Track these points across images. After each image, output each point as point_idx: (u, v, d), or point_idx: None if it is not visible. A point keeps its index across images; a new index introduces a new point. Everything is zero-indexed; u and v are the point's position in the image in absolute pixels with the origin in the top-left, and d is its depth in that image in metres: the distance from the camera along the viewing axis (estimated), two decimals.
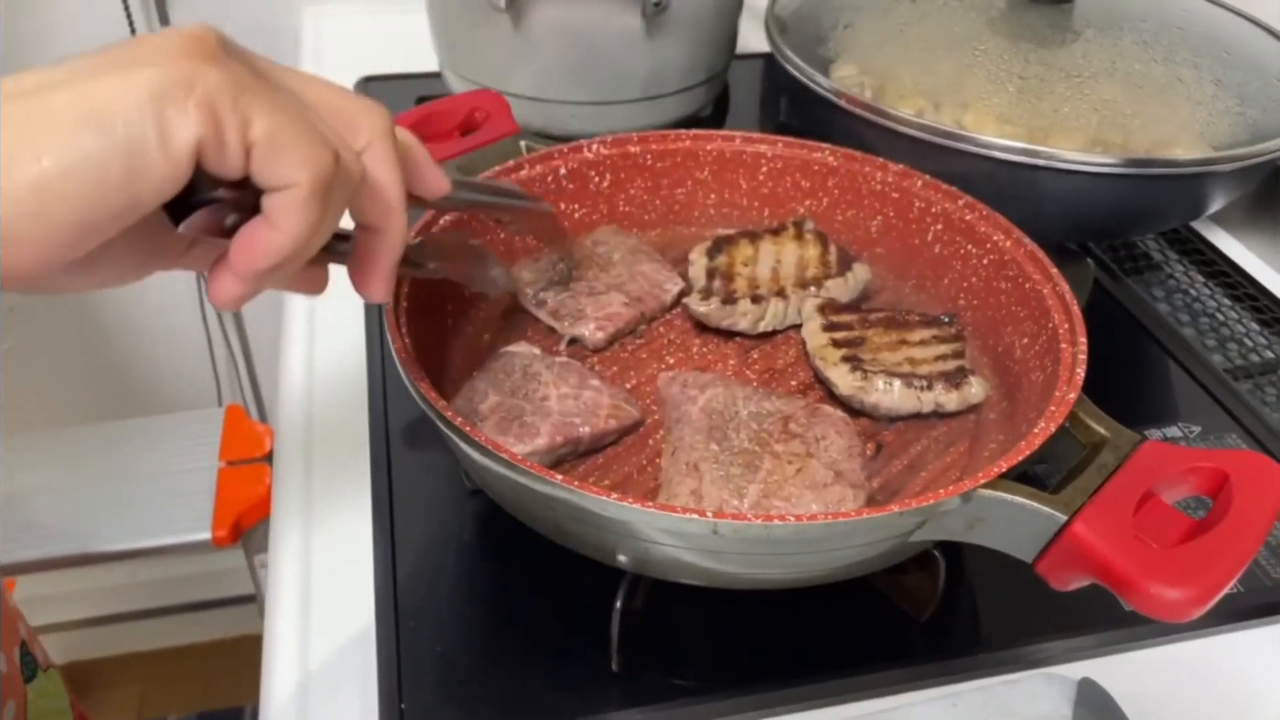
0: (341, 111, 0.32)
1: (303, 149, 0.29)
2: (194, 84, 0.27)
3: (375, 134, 0.33)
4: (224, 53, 0.28)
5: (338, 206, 0.31)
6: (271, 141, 0.28)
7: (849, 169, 0.61)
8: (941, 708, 0.43)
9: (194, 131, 0.27)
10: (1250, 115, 0.64)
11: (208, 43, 0.28)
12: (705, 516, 0.37)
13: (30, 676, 0.68)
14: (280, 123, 0.28)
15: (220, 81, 0.27)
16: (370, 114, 0.33)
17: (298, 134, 0.29)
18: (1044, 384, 0.48)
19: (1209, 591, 0.35)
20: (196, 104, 0.27)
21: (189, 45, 0.28)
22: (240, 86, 0.28)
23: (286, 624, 0.48)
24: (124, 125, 0.26)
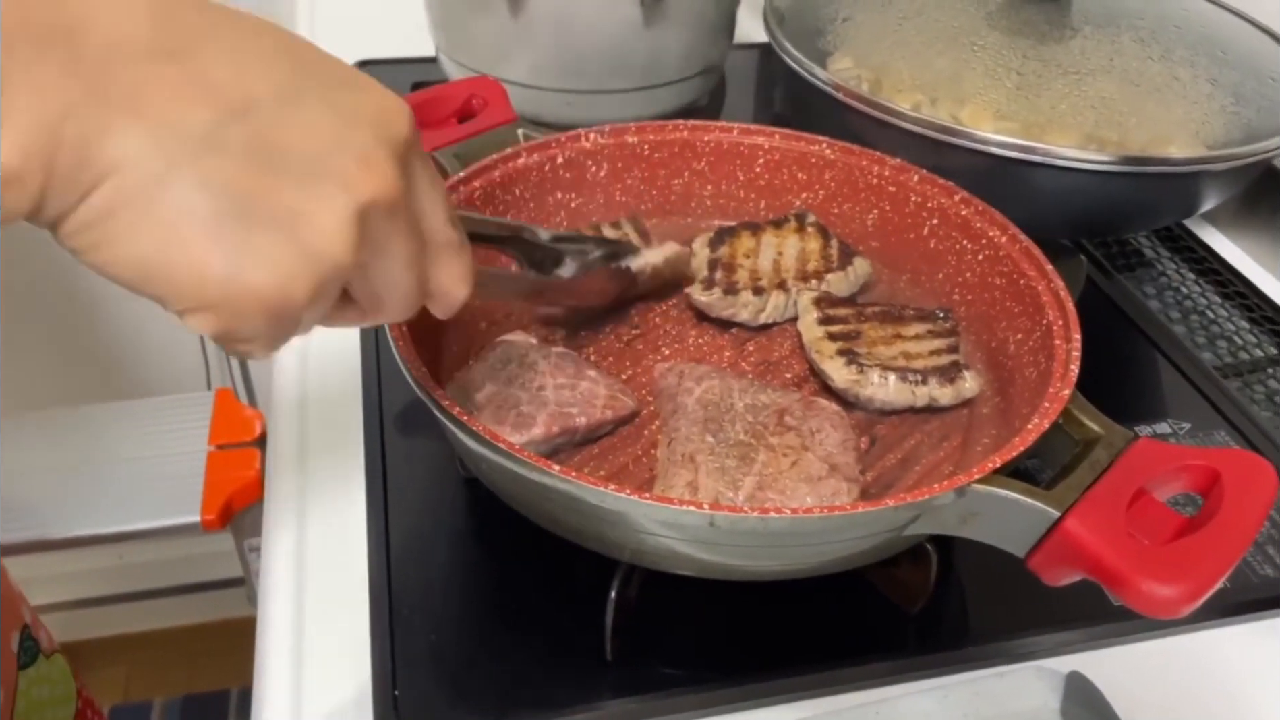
0: (379, 302, 0.33)
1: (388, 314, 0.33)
2: (235, 320, 0.28)
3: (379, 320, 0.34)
4: (312, 298, 0.29)
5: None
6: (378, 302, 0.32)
7: (846, 162, 0.61)
8: (931, 700, 0.43)
9: (203, 332, 0.28)
10: (1245, 115, 0.64)
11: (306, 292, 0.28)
12: (702, 509, 0.37)
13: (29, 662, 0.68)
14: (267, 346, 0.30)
15: (254, 331, 0.28)
16: (392, 314, 0.34)
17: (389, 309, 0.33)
18: (1038, 380, 0.48)
19: (1200, 588, 0.35)
20: (216, 333, 0.28)
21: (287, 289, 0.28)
22: (264, 338, 0.29)
23: (280, 610, 0.48)
24: (158, 290, 0.27)
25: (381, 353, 0.61)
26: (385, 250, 0.31)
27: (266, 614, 0.49)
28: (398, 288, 0.32)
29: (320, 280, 0.28)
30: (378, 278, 0.32)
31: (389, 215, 0.30)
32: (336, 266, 0.29)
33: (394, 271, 0.32)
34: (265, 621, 0.48)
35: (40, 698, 0.70)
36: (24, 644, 0.68)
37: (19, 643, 0.68)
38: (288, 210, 0.28)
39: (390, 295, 0.33)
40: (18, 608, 0.68)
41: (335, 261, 0.28)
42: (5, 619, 0.66)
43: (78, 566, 1.47)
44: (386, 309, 0.33)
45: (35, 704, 0.69)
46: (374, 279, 0.32)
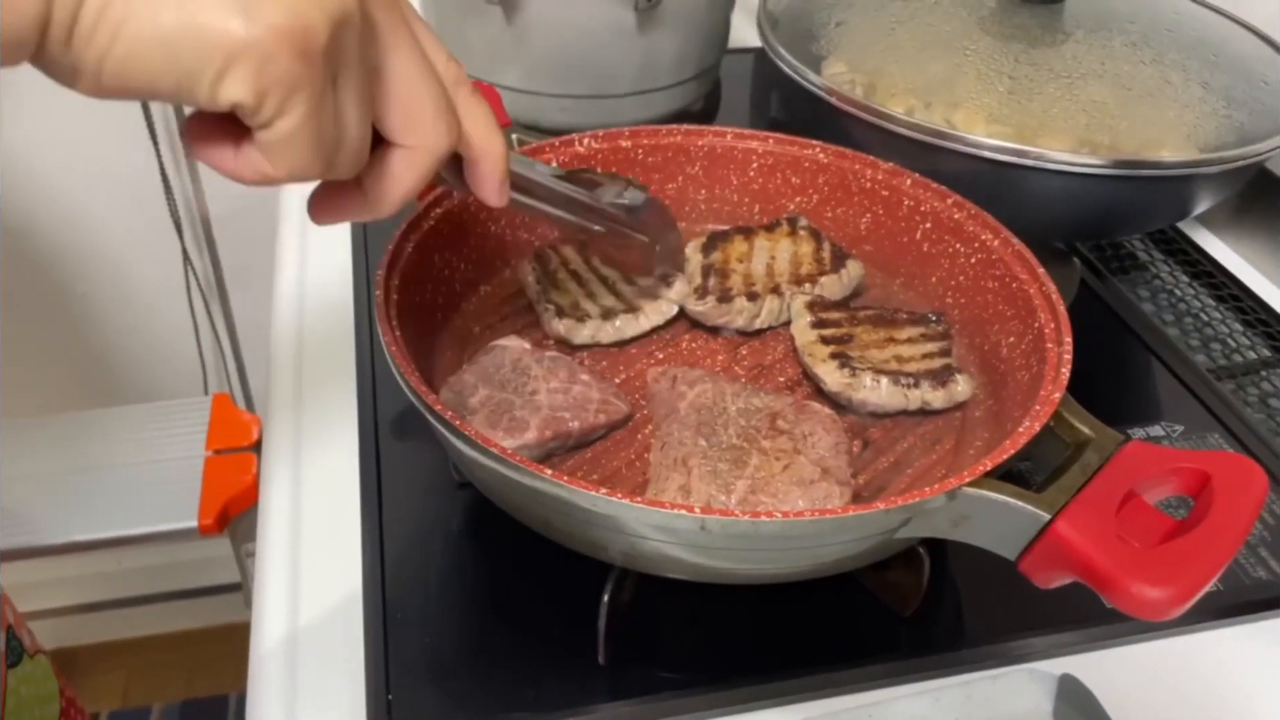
0: (412, 111, 0.33)
1: (299, 157, 0.31)
2: (268, 63, 0.28)
3: (422, 147, 0.34)
4: (332, 40, 0.29)
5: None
6: (282, 139, 0.30)
7: (839, 166, 0.61)
8: (924, 703, 0.43)
9: (237, 96, 0.28)
10: (1237, 118, 0.64)
11: (323, 24, 0.29)
12: (694, 512, 0.37)
13: (15, 662, 0.68)
14: (301, 129, 0.30)
15: (288, 72, 0.28)
16: (435, 129, 0.34)
17: (307, 145, 0.30)
18: (1029, 383, 0.48)
19: (1189, 591, 0.35)
20: (254, 81, 0.28)
21: (304, 20, 0.28)
22: (301, 86, 0.29)
23: (274, 614, 0.48)
24: (187, 57, 0.27)
25: (376, 358, 0.61)
26: (386, 42, 0.32)
27: (261, 617, 0.49)
28: (414, 81, 0.33)
29: (334, 13, 0.29)
30: (397, 82, 0.32)
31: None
32: (344, 7, 0.29)
33: (403, 57, 0.32)
34: (260, 625, 0.48)
35: (28, 696, 0.70)
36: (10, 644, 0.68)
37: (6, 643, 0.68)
38: None
39: (410, 91, 0.33)
40: (2, 609, 0.68)
41: (344, 6, 0.29)
42: None
43: (76, 572, 1.48)
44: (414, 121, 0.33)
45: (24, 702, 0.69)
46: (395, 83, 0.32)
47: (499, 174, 0.38)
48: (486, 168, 0.38)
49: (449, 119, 0.34)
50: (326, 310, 0.66)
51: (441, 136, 0.34)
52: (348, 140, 0.32)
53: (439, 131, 0.34)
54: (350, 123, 0.32)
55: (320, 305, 0.67)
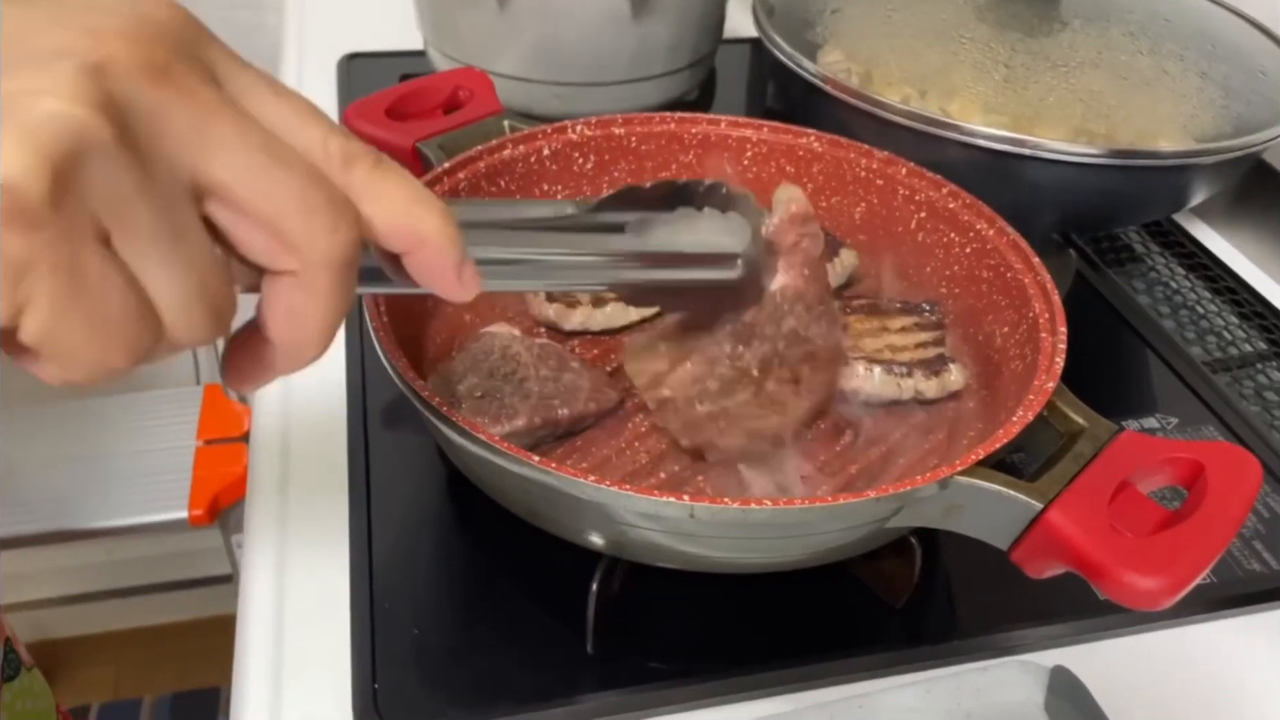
0: (273, 223, 0.24)
1: (79, 347, 0.22)
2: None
3: (309, 266, 0.25)
4: (61, 187, 0.20)
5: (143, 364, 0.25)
6: (43, 338, 0.22)
7: (834, 155, 0.61)
8: (915, 694, 0.43)
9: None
10: (1234, 109, 0.64)
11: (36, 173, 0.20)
12: (682, 500, 0.37)
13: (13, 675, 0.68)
14: (61, 317, 0.21)
15: (7, 253, 0.20)
16: (314, 238, 0.24)
17: (80, 330, 0.22)
18: (1023, 373, 0.48)
19: (1182, 581, 0.35)
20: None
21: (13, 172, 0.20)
22: (35, 262, 0.20)
23: (261, 604, 0.48)
24: None
25: (366, 348, 0.60)
26: (200, 142, 0.22)
27: (248, 607, 0.48)
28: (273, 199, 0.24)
29: (48, 146, 0.20)
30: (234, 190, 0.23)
31: (152, 79, 0.22)
32: (69, 128, 0.20)
33: (231, 154, 0.23)
34: (246, 614, 0.48)
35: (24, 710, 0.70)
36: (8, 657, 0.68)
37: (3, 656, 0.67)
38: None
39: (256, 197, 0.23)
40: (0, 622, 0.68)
41: (65, 121, 0.20)
42: None
43: (66, 563, 1.47)
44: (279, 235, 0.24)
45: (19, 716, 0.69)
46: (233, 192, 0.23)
47: (448, 263, 0.27)
48: (423, 259, 0.27)
49: (330, 217, 0.24)
50: None
51: (327, 243, 0.24)
52: (166, 301, 0.23)
53: (321, 238, 0.24)
54: (158, 278, 0.23)
55: None
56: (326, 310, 0.26)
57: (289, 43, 0.96)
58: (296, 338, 0.26)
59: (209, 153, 0.23)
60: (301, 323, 0.26)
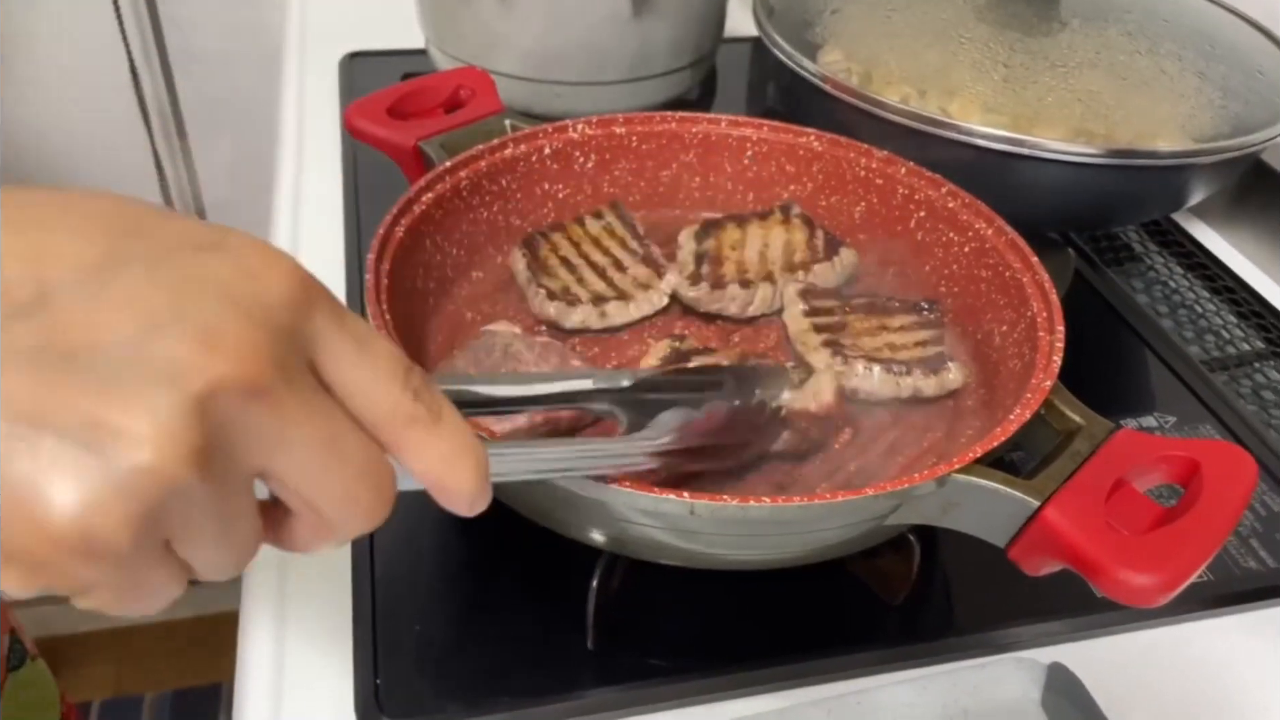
0: (321, 514, 0.26)
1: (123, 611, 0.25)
2: (42, 568, 0.22)
3: (342, 536, 0.28)
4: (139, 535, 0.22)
5: None
6: (87, 605, 0.24)
7: (834, 154, 0.61)
8: (911, 690, 0.43)
9: (9, 591, 0.23)
10: (1232, 109, 0.64)
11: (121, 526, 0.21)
12: (682, 497, 0.37)
13: (18, 665, 0.68)
14: (109, 609, 0.24)
15: (72, 578, 0.22)
16: (350, 524, 0.27)
17: (124, 609, 0.25)
18: (1021, 371, 0.48)
19: (1177, 577, 0.35)
20: (27, 585, 0.22)
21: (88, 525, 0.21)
22: (95, 585, 0.23)
23: (262, 600, 0.48)
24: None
25: None
26: (273, 444, 0.24)
27: (249, 603, 0.49)
28: (324, 491, 0.25)
29: (140, 504, 0.22)
30: (291, 480, 0.25)
31: (252, 399, 0.23)
32: (162, 484, 0.22)
33: (303, 471, 0.25)
34: (248, 610, 0.48)
35: (27, 701, 0.70)
36: (13, 647, 0.68)
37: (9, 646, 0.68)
38: (84, 422, 0.21)
39: (309, 485, 0.25)
40: (5, 612, 0.68)
41: (159, 478, 0.21)
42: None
43: None
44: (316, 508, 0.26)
45: (22, 706, 0.69)
46: (290, 481, 0.25)
47: (463, 506, 0.29)
48: (445, 500, 0.30)
49: (370, 506, 0.27)
50: None
51: (360, 525, 0.27)
52: (209, 569, 0.25)
53: (356, 523, 0.27)
54: (204, 561, 0.25)
55: None
56: (327, 548, 0.28)
57: (291, 41, 0.97)
58: (312, 549, 0.28)
59: (278, 453, 0.24)
60: (321, 545, 0.28)
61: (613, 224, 0.59)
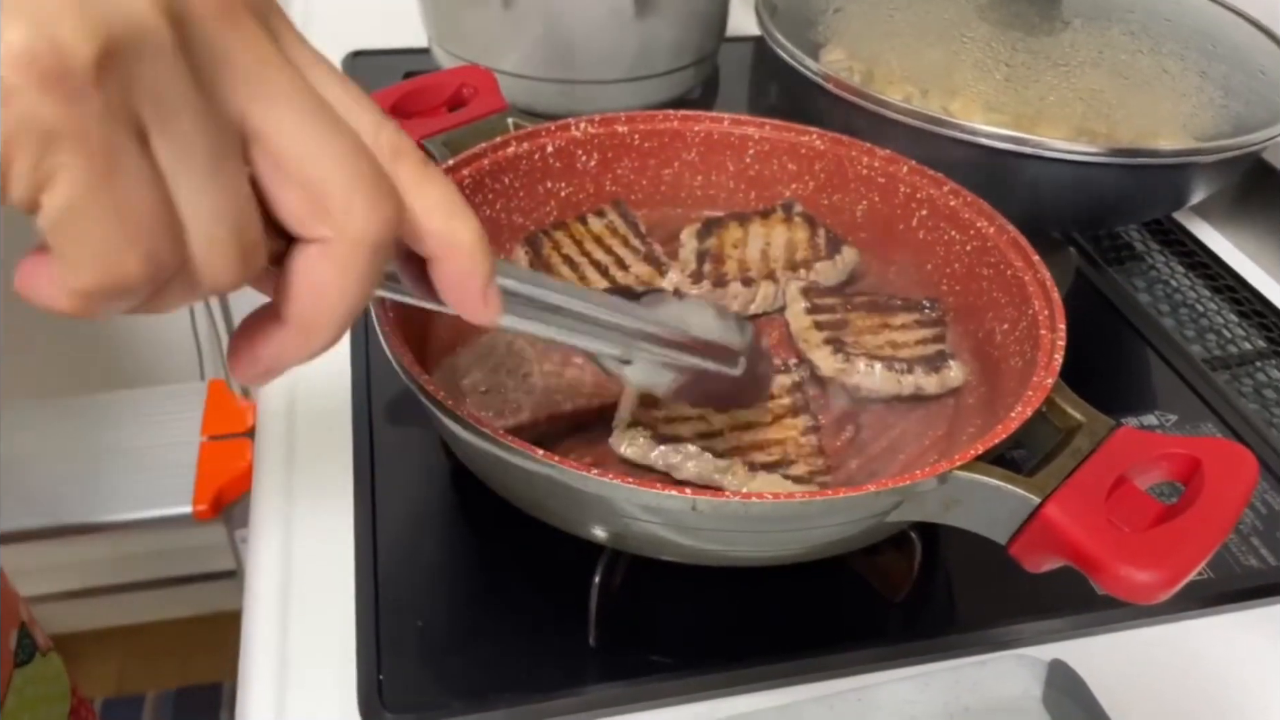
0: (312, 185, 0.23)
1: (97, 243, 0.21)
2: (8, 100, 0.19)
3: (342, 238, 0.24)
4: (105, 65, 0.20)
5: (155, 305, 0.24)
6: (61, 219, 0.20)
7: (836, 153, 0.61)
8: (913, 687, 0.43)
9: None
10: (1234, 108, 0.64)
11: (84, 41, 0.19)
12: (684, 493, 0.37)
13: (25, 660, 0.68)
14: (86, 201, 0.20)
15: (37, 113, 0.19)
16: (353, 208, 0.24)
17: (102, 223, 0.21)
18: (1023, 369, 0.48)
19: (1178, 574, 0.35)
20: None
21: (49, 36, 0.19)
22: (66, 133, 0.20)
23: (266, 598, 0.48)
24: None
25: (371, 342, 0.61)
26: (255, 81, 0.22)
27: (253, 600, 0.49)
28: (307, 140, 0.23)
29: (104, 21, 0.20)
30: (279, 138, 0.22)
31: (227, 17, 0.22)
32: (130, 15, 0.20)
33: (284, 104, 0.23)
34: (252, 607, 0.48)
35: (34, 695, 0.70)
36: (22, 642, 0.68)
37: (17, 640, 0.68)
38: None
39: (303, 154, 0.23)
40: (16, 606, 0.68)
41: (128, 7, 0.20)
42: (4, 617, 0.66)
43: (70, 558, 1.47)
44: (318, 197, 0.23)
45: (29, 701, 0.69)
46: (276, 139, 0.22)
47: (477, 274, 0.27)
48: (455, 267, 0.27)
49: (376, 192, 0.24)
50: None
51: (366, 217, 0.24)
52: (198, 225, 0.22)
53: (361, 210, 0.24)
54: (195, 198, 0.22)
55: None
56: (350, 290, 0.24)
57: None
58: (314, 316, 0.25)
59: (263, 100, 0.23)
60: (323, 299, 0.24)
61: (615, 222, 0.60)
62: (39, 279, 0.22)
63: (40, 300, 0.22)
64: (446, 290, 0.28)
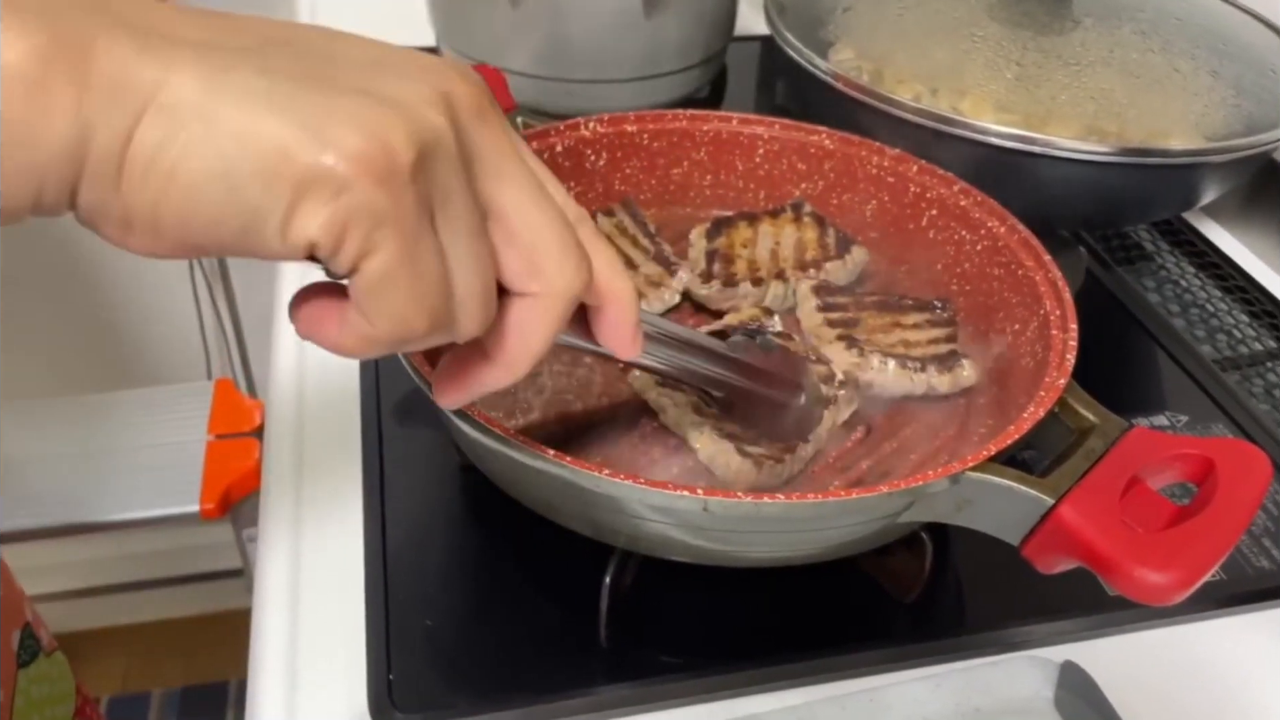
0: (533, 251, 0.29)
1: (399, 305, 0.26)
2: (343, 193, 0.24)
3: (551, 292, 0.29)
4: (419, 164, 0.25)
5: (421, 345, 0.29)
6: (375, 283, 0.26)
7: (845, 153, 0.61)
8: (924, 688, 0.43)
9: (312, 235, 0.25)
10: (1245, 107, 0.64)
11: (406, 146, 0.25)
12: (696, 494, 0.37)
13: (29, 660, 0.68)
14: (397, 271, 0.26)
15: (370, 204, 0.25)
16: (563, 269, 0.29)
17: (405, 289, 0.26)
18: (1034, 370, 0.48)
19: (1192, 575, 0.35)
20: (331, 215, 0.24)
21: (382, 141, 0.25)
22: (389, 219, 0.25)
23: (276, 597, 0.48)
24: (251, 190, 0.24)
25: None
26: (495, 167, 0.28)
27: (262, 597, 0.49)
28: (533, 215, 0.29)
29: (419, 132, 0.25)
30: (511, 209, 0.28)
31: (478, 117, 0.28)
32: (433, 127, 0.26)
33: (517, 188, 0.28)
34: (261, 606, 0.48)
35: (39, 696, 0.70)
36: (24, 642, 0.68)
37: (20, 641, 0.68)
38: (361, 86, 0.26)
39: (530, 227, 0.29)
40: (20, 606, 0.68)
41: (431, 120, 0.26)
42: (6, 617, 0.66)
43: (77, 556, 1.48)
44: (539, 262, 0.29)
45: (34, 702, 0.69)
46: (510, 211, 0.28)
47: (631, 320, 0.33)
48: (617, 314, 0.33)
49: (578, 257, 0.30)
50: None
51: (572, 278, 0.29)
52: (462, 287, 0.27)
53: (569, 272, 0.29)
54: (461, 265, 0.27)
55: None
56: (548, 334, 0.30)
57: None
58: (518, 354, 0.30)
59: (503, 184, 0.28)
60: (526, 339, 0.30)
61: (624, 222, 0.60)
62: (326, 325, 0.27)
63: (324, 341, 0.28)
64: (605, 332, 0.34)
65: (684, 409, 0.48)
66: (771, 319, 0.54)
